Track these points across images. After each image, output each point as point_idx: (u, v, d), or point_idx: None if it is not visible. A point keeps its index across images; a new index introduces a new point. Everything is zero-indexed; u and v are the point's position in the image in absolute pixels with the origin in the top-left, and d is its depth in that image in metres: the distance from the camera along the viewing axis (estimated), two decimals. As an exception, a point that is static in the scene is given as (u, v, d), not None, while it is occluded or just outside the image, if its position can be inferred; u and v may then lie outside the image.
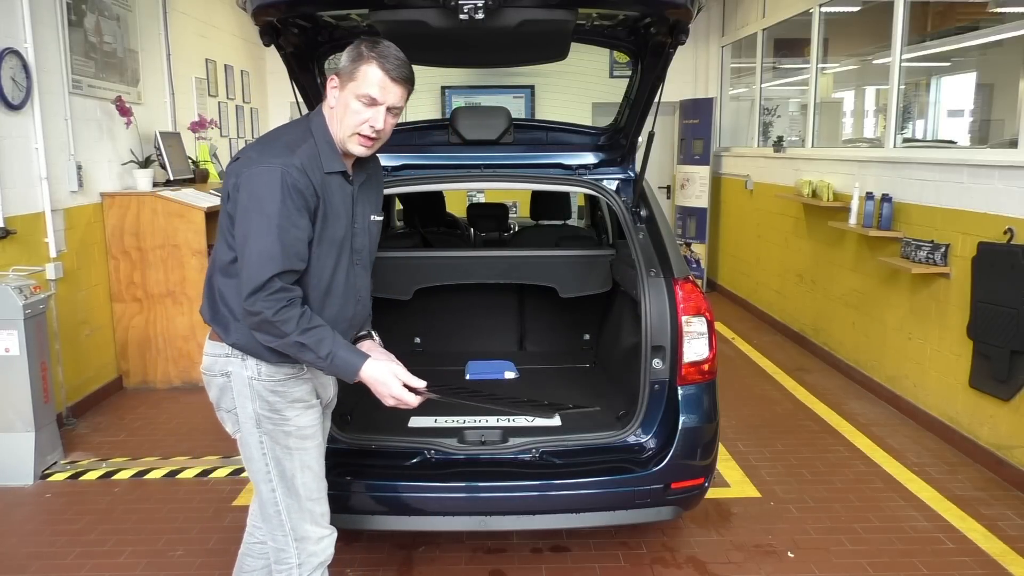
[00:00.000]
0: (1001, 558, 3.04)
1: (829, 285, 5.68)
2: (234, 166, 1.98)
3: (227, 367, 2.03)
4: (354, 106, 1.94)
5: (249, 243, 1.87)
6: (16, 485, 3.70)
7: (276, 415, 2.03)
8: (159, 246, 4.96)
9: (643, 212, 3.15)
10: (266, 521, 2.10)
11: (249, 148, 2.01)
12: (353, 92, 1.94)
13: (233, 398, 2.05)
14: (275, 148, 1.94)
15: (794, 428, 4.43)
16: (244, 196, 1.89)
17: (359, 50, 1.95)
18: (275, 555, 2.11)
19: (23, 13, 4.19)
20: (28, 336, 3.68)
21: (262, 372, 2.01)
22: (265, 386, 2.02)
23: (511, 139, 3.60)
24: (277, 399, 2.03)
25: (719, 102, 8.45)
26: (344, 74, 1.96)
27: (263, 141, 2.02)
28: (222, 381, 2.05)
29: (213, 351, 2.06)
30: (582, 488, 2.65)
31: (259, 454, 2.05)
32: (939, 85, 6.96)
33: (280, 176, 1.86)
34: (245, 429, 2.05)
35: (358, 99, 1.94)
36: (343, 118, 1.96)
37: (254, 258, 1.86)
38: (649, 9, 2.70)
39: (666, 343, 2.76)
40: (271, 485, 2.06)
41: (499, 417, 3.06)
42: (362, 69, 1.92)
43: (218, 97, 7.09)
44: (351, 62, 1.95)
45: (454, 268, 3.88)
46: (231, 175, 1.96)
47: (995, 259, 3.74)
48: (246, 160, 1.94)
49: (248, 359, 2.01)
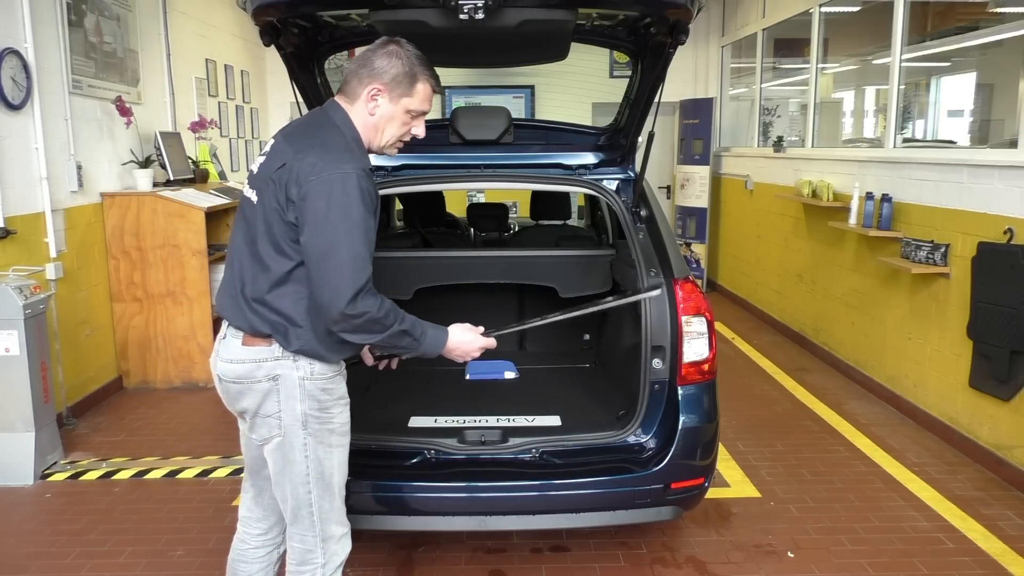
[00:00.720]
0: (1001, 558, 3.04)
1: (829, 285, 5.68)
2: (291, 173, 1.90)
3: (276, 371, 1.99)
4: (403, 118, 2.03)
5: (340, 250, 1.85)
6: (16, 485, 3.70)
7: (324, 413, 2.04)
8: (159, 246, 4.96)
9: (643, 212, 3.15)
10: (297, 523, 2.08)
11: (304, 153, 1.92)
12: (406, 106, 2.02)
13: (279, 401, 2.01)
14: (337, 152, 1.92)
15: (794, 428, 4.43)
16: (321, 204, 1.85)
17: (411, 67, 1.99)
18: (300, 556, 2.10)
19: (23, 13, 4.19)
20: (28, 336, 3.68)
21: (315, 371, 2.01)
22: (317, 385, 2.02)
23: (511, 139, 3.60)
24: (326, 397, 2.04)
25: (719, 102, 8.45)
26: (394, 86, 1.99)
27: (316, 145, 1.94)
28: (267, 386, 2.00)
29: (255, 356, 2.00)
30: (582, 488, 2.65)
31: (301, 456, 2.03)
32: (939, 85, 6.96)
33: (356, 182, 1.87)
34: (290, 432, 2.02)
35: (409, 112, 2.03)
36: (387, 126, 2.03)
37: (349, 264, 1.86)
38: (649, 9, 2.70)
39: (666, 343, 2.76)
40: (308, 487, 2.05)
41: (499, 417, 3.06)
42: (419, 88, 2.01)
43: (218, 97, 7.10)
44: (406, 77, 1.99)
45: (454, 268, 3.88)
46: (290, 183, 1.89)
47: (995, 259, 3.74)
48: (310, 167, 1.88)
49: (300, 360, 2.00)
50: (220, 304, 2.11)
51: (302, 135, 2.01)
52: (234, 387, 2.04)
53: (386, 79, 1.99)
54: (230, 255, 2.10)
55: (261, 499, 2.25)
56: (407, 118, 2.03)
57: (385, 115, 2.01)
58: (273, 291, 1.97)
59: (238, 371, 2.02)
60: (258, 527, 2.26)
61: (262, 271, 1.98)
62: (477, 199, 8.06)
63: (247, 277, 2.01)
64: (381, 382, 3.45)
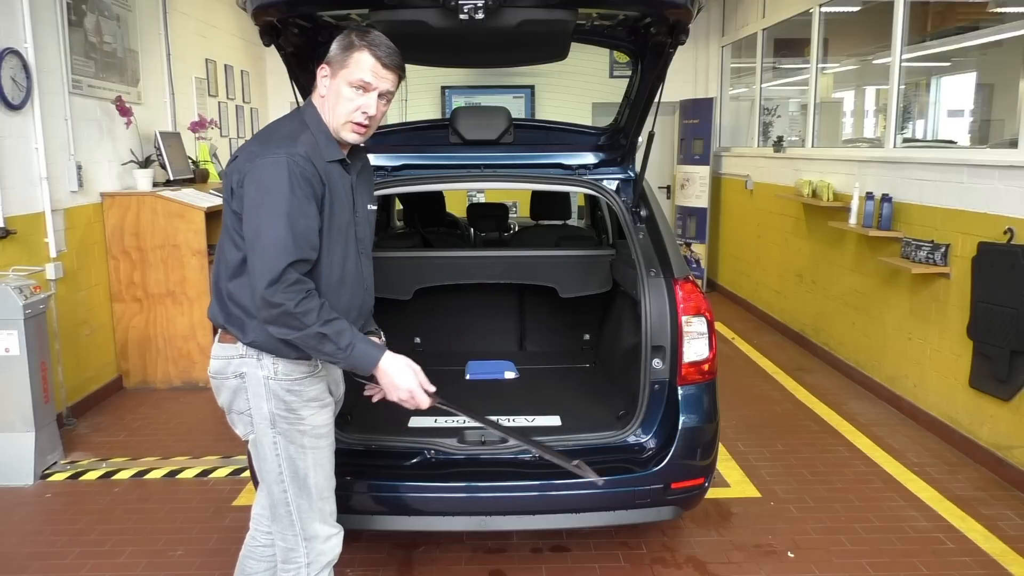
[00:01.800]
0: (1001, 558, 3.04)
1: (829, 285, 5.68)
2: (236, 163, 1.97)
3: (241, 368, 2.01)
4: (347, 93, 1.96)
5: (262, 235, 1.85)
6: (16, 485, 3.70)
7: (292, 415, 2.03)
8: (159, 246, 4.96)
9: (643, 212, 3.15)
10: (276, 521, 2.10)
11: (248, 144, 2.01)
12: (345, 79, 1.95)
13: (247, 399, 2.03)
14: (276, 139, 1.94)
15: (794, 428, 4.43)
16: (252, 189, 1.88)
17: (349, 39, 1.96)
18: (283, 555, 2.10)
19: (23, 13, 4.19)
20: (28, 336, 3.68)
21: (279, 371, 2.00)
22: (281, 385, 2.01)
23: (511, 139, 3.60)
24: (293, 398, 2.02)
25: (719, 102, 8.44)
26: (335, 62, 1.97)
27: (262, 136, 2.03)
28: (235, 383, 2.03)
29: (224, 353, 2.04)
30: (582, 488, 2.65)
31: (272, 454, 2.04)
32: (939, 85, 6.97)
33: (287, 165, 1.86)
34: (259, 430, 2.04)
35: (350, 86, 1.95)
36: (335, 106, 1.98)
37: (269, 249, 1.84)
38: (649, 9, 2.70)
39: (666, 343, 2.76)
40: (283, 485, 2.05)
41: (499, 417, 3.06)
42: (354, 56, 1.94)
43: (218, 97, 7.10)
44: (342, 51, 1.96)
45: (454, 268, 3.88)
46: (233, 172, 1.95)
47: (995, 259, 3.74)
48: (248, 155, 1.94)
49: (264, 358, 2.00)
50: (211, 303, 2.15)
51: (264, 128, 2.08)
52: (213, 383, 2.09)
53: (329, 57, 1.99)
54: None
55: None
56: (351, 93, 1.95)
57: (332, 93, 1.98)
58: (232, 282, 1.99)
59: (213, 367, 2.07)
60: (268, 526, 2.25)
61: (223, 263, 2.02)
62: (477, 199, 8.06)
63: (220, 270, 2.05)
64: None
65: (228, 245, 1.99)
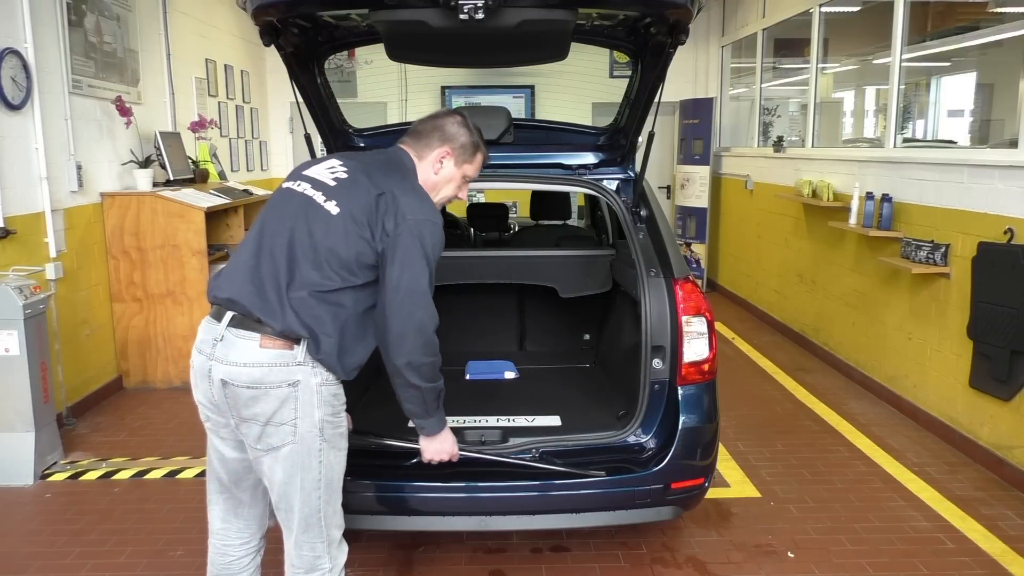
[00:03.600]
0: (1001, 558, 3.04)
1: (829, 285, 5.68)
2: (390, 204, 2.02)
3: (295, 375, 1.95)
4: (459, 181, 2.26)
5: (417, 291, 2.01)
6: (16, 485, 3.70)
7: (336, 419, 2.06)
8: (159, 246, 4.96)
9: (643, 212, 3.15)
10: (308, 531, 2.06)
11: (402, 192, 2.06)
12: (464, 172, 2.25)
13: (295, 408, 1.96)
14: (431, 203, 2.14)
15: (794, 428, 4.43)
16: (413, 243, 2.00)
17: (476, 139, 2.25)
18: (310, 563, 2.08)
19: (23, 13, 4.19)
20: (28, 336, 3.68)
21: (328, 377, 2.02)
22: (330, 390, 2.03)
23: (511, 139, 3.60)
24: (338, 402, 2.07)
25: (719, 102, 8.44)
26: (461, 153, 2.23)
27: (415, 189, 2.14)
28: (286, 392, 1.95)
29: (273, 360, 1.93)
30: (582, 488, 2.65)
31: (316, 462, 2.02)
32: (939, 85, 6.97)
33: (441, 234, 2.08)
34: (307, 439, 1.99)
35: (465, 177, 2.26)
36: (445, 187, 2.24)
37: (428, 306, 2.04)
38: (649, 9, 2.70)
39: (666, 343, 2.76)
40: (319, 492, 2.04)
41: (499, 417, 3.06)
42: (478, 157, 2.27)
43: (218, 97, 7.10)
44: (471, 147, 2.24)
45: (454, 268, 3.88)
46: (390, 212, 2.01)
47: (995, 259, 3.74)
48: (409, 206, 2.03)
49: (318, 367, 1.98)
50: (239, 293, 1.97)
51: (388, 172, 2.13)
52: (246, 392, 1.94)
53: (455, 145, 2.22)
54: (264, 247, 2.02)
55: (240, 510, 2.20)
56: (461, 182, 2.26)
57: (446, 177, 2.22)
58: (322, 296, 1.97)
59: (254, 375, 1.93)
60: (239, 536, 2.22)
61: (319, 276, 1.97)
62: (477, 199, 8.06)
63: (297, 274, 1.97)
64: (381, 382, 3.45)
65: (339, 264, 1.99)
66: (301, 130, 3.65)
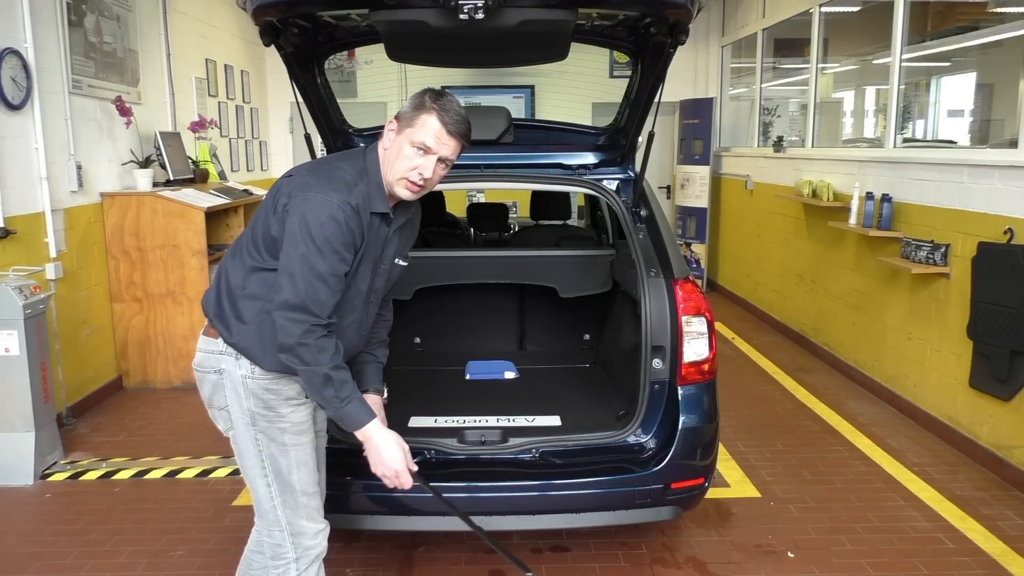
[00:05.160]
0: (1001, 558, 3.04)
1: (829, 285, 5.68)
2: (288, 183, 1.99)
3: (220, 364, 2.04)
4: (407, 151, 1.98)
5: (296, 270, 1.89)
6: (16, 485, 3.70)
7: (271, 412, 2.04)
8: (159, 246, 4.96)
9: (643, 212, 3.15)
10: (262, 517, 2.11)
11: (307, 172, 2.02)
12: (409, 138, 1.98)
13: (226, 396, 2.05)
14: (334, 181, 1.95)
15: (794, 428, 4.43)
16: (296, 221, 1.90)
17: (422, 99, 1.99)
18: (272, 551, 2.11)
19: (23, 13, 4.19)
20: (28, 336, 3.68)
21: (256, 371, 2.02)
22: (259, 384, 2.03)
23: (511, 139, 3.60)
24: (271, 396, 2.04)
25: (719, 102, 8.44)
26: (404, 119, 2.00)
27: (323, 169, 2.03)
28: (215, 378, 2.05)
29: (207, 347, 2.07)
30: (582, 488, 2.65)
31: (254, 451, 2.06)
32: (939, 85, 6.96)
33: (336, 210, 1.89)
34: (239, 427, 2.06)
35: (412, 145, 1.98)
36: (395, 161, 2.00)
37: (300, 285, 1.88)
38: (649, 9, 2.70)
39: (666, 343, 2.76)
40: (266, 481, 2.07)
41: (499, 417, 3.06)
42: (421, 118, 1.97)
43: (218, 97, 7.10)
44: (412, 109, 1.99)
45: (454, 268, 3.88)
46: (283, 192, 1.98)
47: (995, 259, 3.74)
48: (303, 183, 1.96)
49: (242, 359, 2.02)
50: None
51: (329, 159, 2.11)
52: (196, 375, 2.11)
53: (400, 115, 2.03)
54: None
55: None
56: (412, 152, 1.98)
57: (394, 148, 2.01)
58: (239, 285, 2.04)
59: (197, 359, 2.09)
60: None
61: (238, 262, 2.06)
62: (477, 199, 8.06)
63: (229, 266, 2.08)
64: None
65: (251, 248, 2.02)
66: (301, 130, 3.65)
